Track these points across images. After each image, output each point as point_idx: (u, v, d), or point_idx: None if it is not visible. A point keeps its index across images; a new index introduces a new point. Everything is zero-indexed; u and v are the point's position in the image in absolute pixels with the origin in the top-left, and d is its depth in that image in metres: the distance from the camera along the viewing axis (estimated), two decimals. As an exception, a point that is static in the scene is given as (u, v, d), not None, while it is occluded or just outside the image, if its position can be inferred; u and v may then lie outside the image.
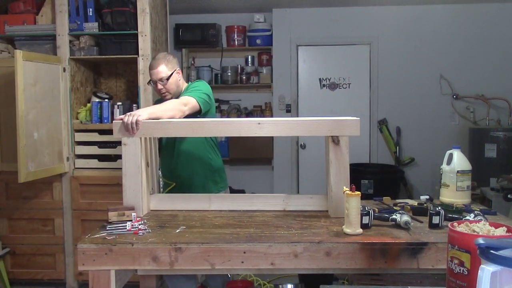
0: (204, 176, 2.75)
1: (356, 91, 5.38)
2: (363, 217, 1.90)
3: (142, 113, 2.18)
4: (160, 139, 2.76)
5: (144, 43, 3.55)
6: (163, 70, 2.64)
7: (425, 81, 5.24)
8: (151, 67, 2.67)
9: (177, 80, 2.71)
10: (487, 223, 1.27)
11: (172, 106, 2.38)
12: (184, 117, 2.40)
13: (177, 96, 2.65)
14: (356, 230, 1.85)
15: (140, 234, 1.90)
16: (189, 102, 2.46)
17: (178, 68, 2.73)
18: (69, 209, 3.69)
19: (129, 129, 2.13)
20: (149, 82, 2.76)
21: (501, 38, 5.13)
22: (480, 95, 5.14)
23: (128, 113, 2.17)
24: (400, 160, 5.25)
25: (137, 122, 2.13)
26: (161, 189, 2.83)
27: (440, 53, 5.21)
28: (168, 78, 2.64)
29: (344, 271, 2.55)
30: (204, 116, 2.58)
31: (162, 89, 2.66)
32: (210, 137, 2.77)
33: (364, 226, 1.89)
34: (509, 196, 3.55)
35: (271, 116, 5.35)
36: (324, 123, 2.13)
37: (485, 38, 5.15)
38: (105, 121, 3.69)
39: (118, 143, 3.31)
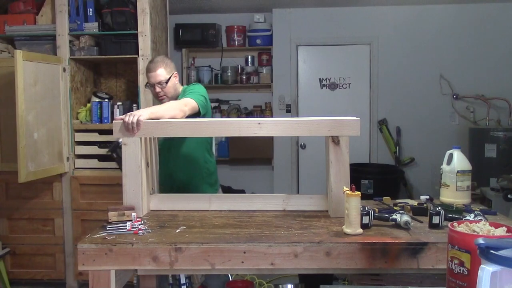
0: (201, 179, 2.75)
1: (356, 91, 5.38)
2: (363, 217, 1.90)
3: (143, 113, 2.17)
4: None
5: (144, 43, 3.56)
6: (161, 73, 2.64)
7: (425, 81, 5.23)
8: (149, 70, 2.66)
9: (175, 83, 2.72)
10: (487, 223, 1.27)
11: (173, 106, 2.38)
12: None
13: (174, 99, 2.64)
14: (356, 230, 1.85)
15: (140, 234, 1.90)
16: (189, 103, 2.46)
17: (176, 72, 2.74)
18: (69, 209, 3.69)
19: (130, 129, 2.13)
20: (146, 85, 2.76)
21: (501, 38, 5.13)
22: (480, 95, 5.14)
23: (129, 113, 2.17)
24: (400, 160, 5.25)
25: (138, 122, 2.12)
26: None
27: (440, 53, 5.20)
28: (167, 82, 2.65)
29: (344, 271, 2.56)
30: (202, 118, 2.58)
31: (160, 92, 2.66)
32: (206, 139, 2.76)
33: (364, 226, 1.89)
34: (509, 196, 3.55)
35: (271, 116, 5.34)
36: (324, 123, 2.12)
37: (485, 38, 5.15)
38: (105, 121, 3.69)
39: (118, 143, 3.31)
